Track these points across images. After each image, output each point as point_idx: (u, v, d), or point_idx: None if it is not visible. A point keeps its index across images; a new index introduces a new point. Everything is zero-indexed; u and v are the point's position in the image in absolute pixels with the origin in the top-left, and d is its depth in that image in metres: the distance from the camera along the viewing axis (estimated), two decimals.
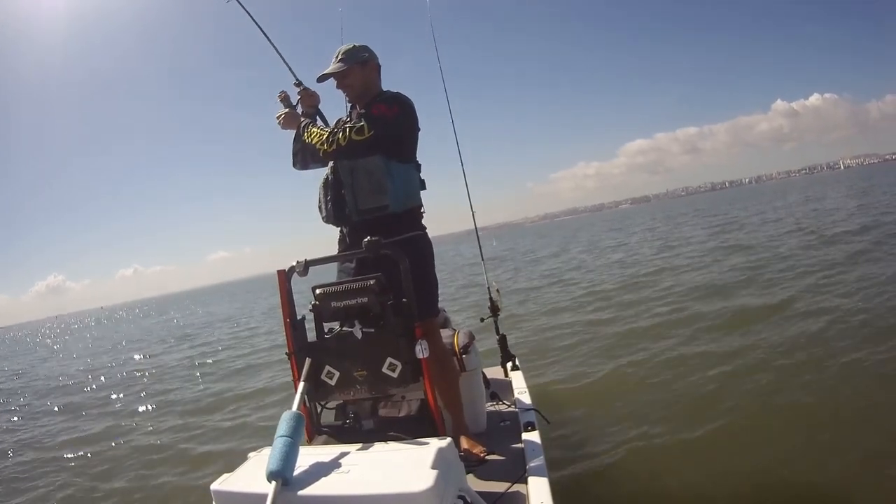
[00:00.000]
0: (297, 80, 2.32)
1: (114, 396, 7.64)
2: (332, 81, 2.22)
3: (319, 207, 2.21)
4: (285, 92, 2.32)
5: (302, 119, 2.22)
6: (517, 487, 1.82)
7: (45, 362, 15.82)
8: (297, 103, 2.34)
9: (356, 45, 2.19)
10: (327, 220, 2.19)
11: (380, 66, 2.26)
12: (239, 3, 2.41)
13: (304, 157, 2.31)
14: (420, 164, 2.21)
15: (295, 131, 2.28)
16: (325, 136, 2.05)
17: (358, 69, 2.17)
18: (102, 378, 9.59)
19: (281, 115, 2.28)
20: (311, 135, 2.11)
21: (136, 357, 12.19)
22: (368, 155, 2.03)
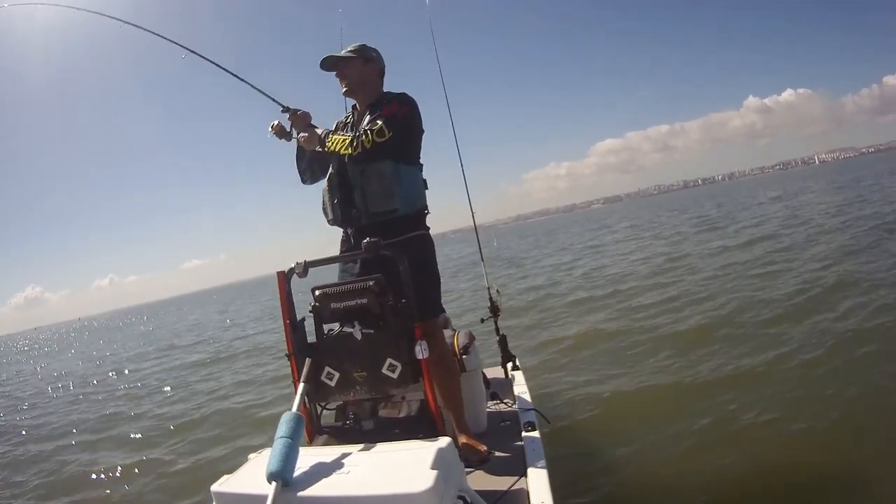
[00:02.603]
0: (284, 106, 2.24)
1: None
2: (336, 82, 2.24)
3: (324, 210, 2.21)
4: (279, 122, 2.24)
5: (320, 132, 2.16)
6: (518, 487, 1.82)
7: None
8: (291, 128, 2.25)
9: (367, 44, 2.23)
10: (334, 222, 2.20)
11: (383, 71, 2.29)
12: (200, 55, 2.37)
13: (314, 171, 2.32)
14: (422, 165, 2.22)
15: (298, 151, 2.29)
16: (348, 141, 2.04)
17: (359, 63, 2.20)
18: None
19: (299, 134, 2.19)
20: (333, 143, 2.08)
21: None
22: (384, 156, 2.04)
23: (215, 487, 1.43)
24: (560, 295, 9.26)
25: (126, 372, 10.39)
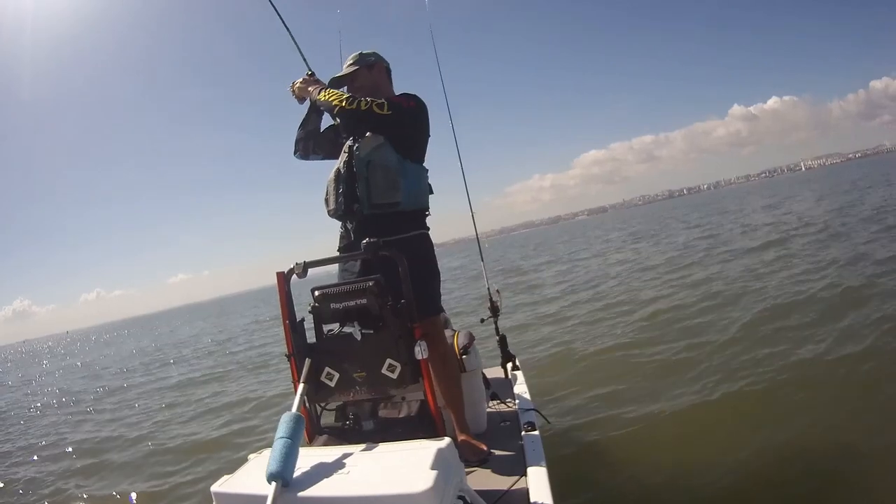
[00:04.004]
0: (311, 70, 2.34)
1: None
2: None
3: (326, 200, 2.21)
4: (300, 81, 2.33)
5: (313, 87, 2.25)
6: (518, 487, 1.82)
7: None
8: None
9: (363, 51, 2.29)
10: (334, 213, 2.19)
11: (389, 70, 2.34)
12: None
13: (307, 145, 2.36)
14: (427, 169, 2.23)
15: (307, 114, 2.33)
16: (346, 96, 2.09)
17: (365, 72, 2.25)
18: None
19: (296, 84, 2.31)
20: (329, 94, 2.14)
21: None
22: (377, 130, 2.07)
23: (215, 488, 1.43)
24: (560, 298, 9.27)
25: None
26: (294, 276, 1.93)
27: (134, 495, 3.97)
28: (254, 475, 1.42)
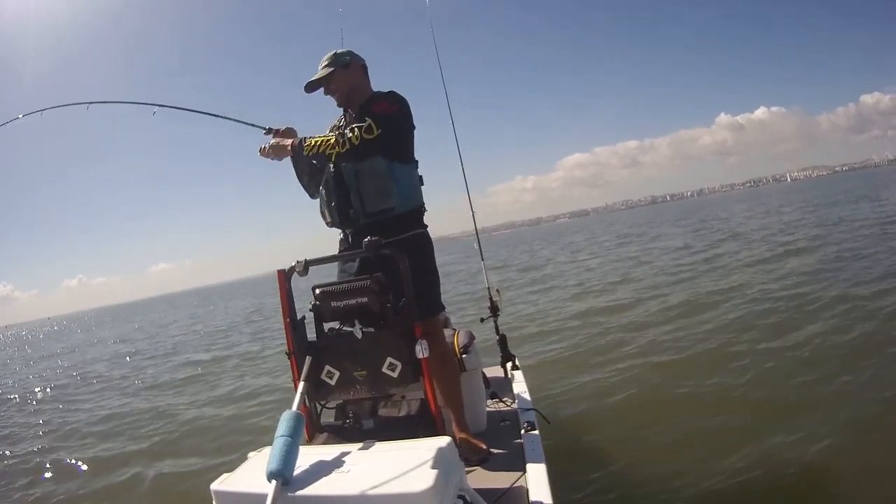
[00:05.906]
0: (266, 128, 2.24)
1: None
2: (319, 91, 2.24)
3: (322, 213, 2.21)
4: (265, 145, 2.18)
5: (288, 141, 2.11)
6: (517, 486, 1.82)
7: None
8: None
9: (338, 51, 2.23)
10: (332, 224, 2.20)
11: (365, 67, 2.27)
12: (169, 107, 2.53)
13: (318, 184, 2.23)
14: (417, 161, 2.21)
15: (293, 163, 2.21)
16: (333, 140, 1.99)
17: (341, 72, 2.19)
18: None
19: (267, 149, 2.14)
20: (312, 145, 2.02)
21: None
22: (375, 154, 2.03)
23: (215, 486, 1.42)
24: (558, 295, 9.27)
25: None
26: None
27: None
28: (254, 473, 1.42)
